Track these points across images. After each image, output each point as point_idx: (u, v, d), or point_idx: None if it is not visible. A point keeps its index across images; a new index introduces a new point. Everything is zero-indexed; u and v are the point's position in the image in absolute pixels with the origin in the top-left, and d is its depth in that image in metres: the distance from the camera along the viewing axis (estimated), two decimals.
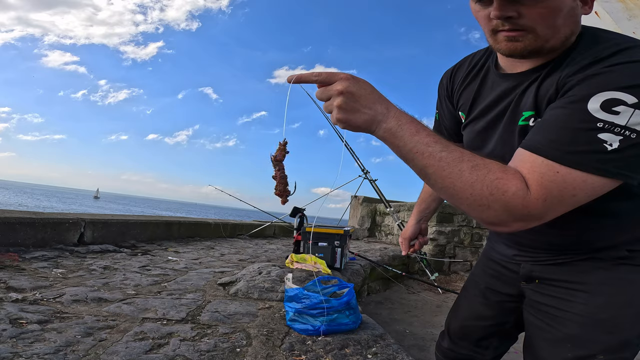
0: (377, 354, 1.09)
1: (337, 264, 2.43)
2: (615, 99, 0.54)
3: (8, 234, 2.12)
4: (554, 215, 0.58)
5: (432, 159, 0.60)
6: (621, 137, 0.54)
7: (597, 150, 0.55)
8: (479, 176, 0.58)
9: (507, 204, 0.57)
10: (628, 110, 0.53)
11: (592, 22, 2.99)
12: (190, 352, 1.01)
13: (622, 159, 0.55)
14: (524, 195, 0.57)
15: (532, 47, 0.66)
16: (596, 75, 0.58)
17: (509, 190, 0.57)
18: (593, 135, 0.55)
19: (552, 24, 0.64)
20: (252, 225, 5.43)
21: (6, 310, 1.16)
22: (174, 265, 2.35)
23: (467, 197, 0.59)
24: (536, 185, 0.57)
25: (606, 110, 0.54)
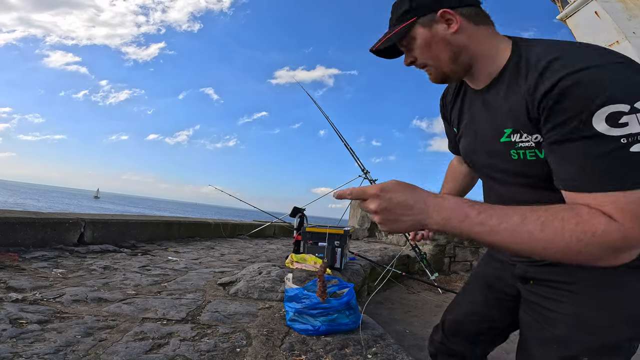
0: (377, 354, 1.08)
1: (337, 264, 2.43)
2: (613, 113, 0.56)
3: (8, 234, 2.12)
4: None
5: (496, 236, 0.60)
6: None
7: None
8: (556, 230, 0.57)
9: (604, 243, 0.56)
10: (632, 117, 0.55)
11: (592, 22, 3.03)
12: (190, 352, 1.01)
13: None
14: (617, 228, 0.56)
15: (439, 75, 0.82)
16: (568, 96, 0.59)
17: (598, 229, 0.56)
18: (626, 153, 0.55)
19: (430, 55, 0.79)
20: (252, 225, 5.43)
21: (6, 310, 1.16)
22: (174, 265, 2.35)
23: (554, 253, 0.58)
24: (629, 216, 0.56)
25: (615, 126, 0.56)
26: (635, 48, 5.54)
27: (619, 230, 0.56)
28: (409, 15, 0.79)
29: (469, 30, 0.77)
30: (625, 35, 5.63)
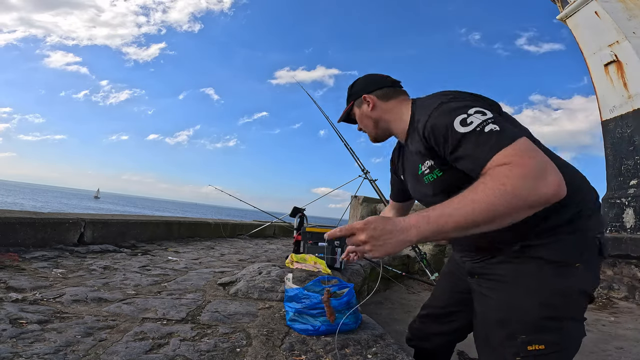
0: (377, 354, 1.08)
1: (337, 264, 2.43)
2: (461, 120, 0.85)
3: (8, 234, 2.12)
4: (543, 160, 0.76)
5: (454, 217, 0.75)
6: (492, 123, 0.82)
7: (497, 134, 0.81)
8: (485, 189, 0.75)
9: (517, 179, 0.73)
10: (470, 118, 0.84)
11: (592, 22, 3.02)
12: (190, 352, 1.01)
13: (507, 128, 0.82)
14: (511, 167, 0.75)
15: (371, 137, 1.22)
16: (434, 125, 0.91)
17: (505, 172, 0.75)
18: (484, 133, 0.82)
19: (363, 125, 1.22)
20: (252, 225, 5.43)
21: (6, 310, 1.16)
22: (174, 265, 2.35)
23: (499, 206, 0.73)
24: (510, 158, 0.76)
25: (466, 125, 0.84)
26: (635, 48, 5.54)
27: (513, 166, 0.75)
28: (349, 100, 1.23)
29: (381, 106, 1.15)
30: (625, 35, 5.62)
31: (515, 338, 0.90)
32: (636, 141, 5.23)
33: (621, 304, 4.11)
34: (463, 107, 0.87)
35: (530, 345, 0.89)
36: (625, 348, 2.60)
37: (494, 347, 0.96)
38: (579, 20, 6.42)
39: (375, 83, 1.17)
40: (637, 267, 4.40)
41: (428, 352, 1.36)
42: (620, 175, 5.38)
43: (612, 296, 4.30)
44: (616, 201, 5.18)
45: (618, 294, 4.30)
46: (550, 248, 0.91)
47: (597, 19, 5.94)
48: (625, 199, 5.07)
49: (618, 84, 5.71)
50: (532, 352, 0.89)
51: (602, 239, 0.93)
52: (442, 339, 1.32)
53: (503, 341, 0.93)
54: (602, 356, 2.47)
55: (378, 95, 1.15)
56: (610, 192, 5.40)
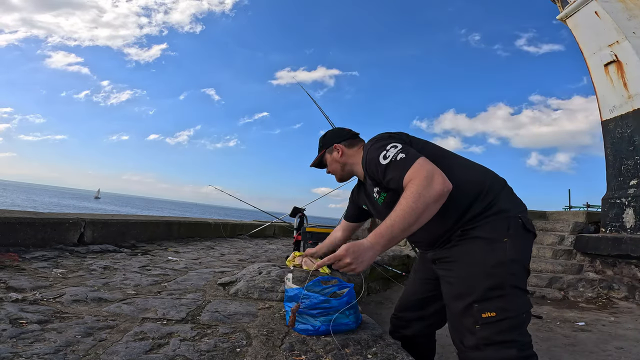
0: (377, 354, 1.08)
1: None
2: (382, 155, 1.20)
3: (8, 234, 2.12)
4: (432, 169, 1.10)
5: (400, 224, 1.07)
6: (400, 153, 1.17)
7: (404, 159, 1.15)
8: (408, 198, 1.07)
9: (420, 189, 1.06)
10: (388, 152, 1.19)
11: (592, 22, 3.03)
12: (190, 352, 1.01)
13: (410, 153, 1.17)
14: (413, 182, 1.09)
15: (339, 178, 1.55)
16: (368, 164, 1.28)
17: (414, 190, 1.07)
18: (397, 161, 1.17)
19: (333, 169, 1.54)
20: (252, 225, 5.43)
21: (6, 310, 1.16)
22: (174, 265, 2.35)
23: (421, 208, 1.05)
24: (411, 176, 1.11)
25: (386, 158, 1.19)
26: (635, 48, 5.53)
27: (415, 179, 1.09)
28: (321, 148, 1.56)
29: (347, 152, 1.49)
30: (625, 35, 5.62)
31: (472, 307, 1.12)
32: (636, 141, 5.23)
33: (621, 304, 4.11)
34: (382, 145, 1.22)
35: (483, 312, 1.10)
36: (625, 348, 2.60)
37: (458, 319, 1.17)
38: (579, 20, 6.41)
39: (342, 135, 1.52)
40: (637, 267, 4.39)
41: (409, 338, 1.53)
42: (620, 175, 5.38)
43: (612, 296, 4.30)
44: (616, 201, 5.18)
45: (618, 294, 4.30)
46: (482, 229, 1.17)
47: (597, 19, 5.94)
48: (625, 199, 5.08)
49: (618, 84, 5.71)
50: (486, 320, 1.09)
51: (524, 217, 1.19)
52: (420, 324, 1.52)
53: (463, 311, 1.14)
54: (602, 356, 2.46)
55: (345, 144, 1.49)
56: (610, 192, 5.40)
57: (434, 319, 1.49)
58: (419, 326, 1.52)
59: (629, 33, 5.61)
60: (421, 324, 1.51)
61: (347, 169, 1.49)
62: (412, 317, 1.52)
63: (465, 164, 1.30)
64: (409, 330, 1.53)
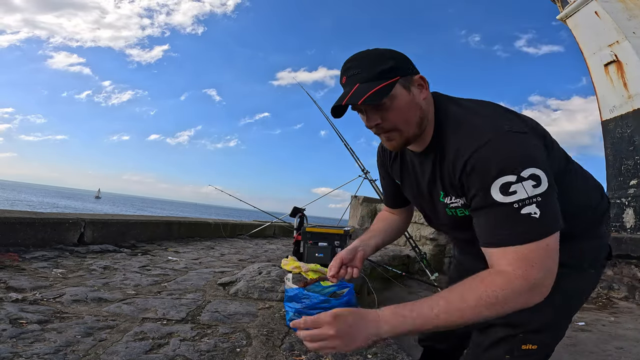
0: (377, 354, 1.08)
1: None
2: (505, 184, 0.70)
3: (8, 234, 2.12)
4: (550, 271, 0.71)
5: (436, 320, 0.70)
6: (535, 204, 0.69)
7: (533, 221, 0.69)
8: (475, 297, 0.69)
9: (508, 293, 0.68)
10: (518, 186, 0.69)
11: (592, 22, 3.01)
12: (190, 352, 1.01)
13: (547, 216, 0.70)
14: (507, 279, 0.69)
15: (402, 141, 0.84)
16: (474, 168, 0.74)
17: (498, 287, 0.69)
18: (519, 214, 0.70)
19: (404, 119, 0.80)
20: (252, 225, 5.43)
21: (6, 310, 1.15)
22: (174, 265, 2.35)
23: (484, 314, 0.69)
24: (518, 265, 0.70)
25: (509, 194, 0.70)
26: (635, 48, 5.54)
27: (514, 279, 0.69)
28: (392, 74, 0.78)
29: (429, 98, 0.85)
30: (625, 35, 5.62)
31: (515, 337, 0.89)
32: (636, 141, 5.23)
33: (621, 304, 4.11)
34: (518, 160, 0.69)
35: (525, 344, 0.88)
36: (625, 348, 2.60)
37: (490, 342, 0.93)
38: (579, 20, 6.42)
39: (415, 67, 0.84)
40: (637, 267, 4.39)
41: (441, 352, 1.28)
42: (620, 175, 5.38)
43: (612, 296, 4.30)
44: (616, 201, 5.18)
45: (618, 294, 4.30)
46: (566, 253, 0.83)
47: (597, 19, 5.94)
48: (625, 199, 5.08)
49: (618, 84, 5.71)
50: (524, 352, 0.88)
51: (610, 243, 0.94)
52: (458, 340, 1.23)
53: (499, 340, 0.90)
54: (602, 356, 2.46)
55: (427, 82, 0.84)
56: (610, 192, 5.40)
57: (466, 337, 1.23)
58: (456, 342, 1.24)
59: (629, 33, 5.61)
60: (457, 340, 1.23)
61: (423, 127, 0.83)
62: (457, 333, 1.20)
63: (582, 176, 0.93)
64: (444, 345, 1.27)
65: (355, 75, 0.79)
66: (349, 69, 0.81)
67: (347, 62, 0.83)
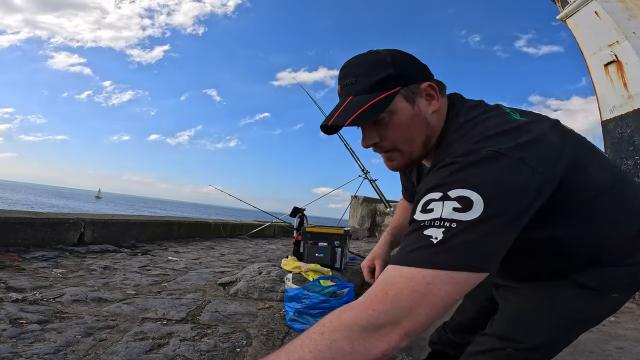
0: None
1: (337, 264, 2.43)
2: (428, 200, 0.58)
3: (8, 234, 2.12)
4: (406, 315, 0.52)
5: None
6: (443, 229, 0.54)
7: (425, 245, 0.54)
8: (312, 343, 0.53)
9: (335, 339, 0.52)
10: (437, 204, 0.56)
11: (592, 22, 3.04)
12: (190, 352, 1.01)
13: (452, 247, 0.53)
14: (348, 309, 0.55)
15: (404, 162, 0.73)
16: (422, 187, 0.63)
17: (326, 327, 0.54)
18: (419, 233, 0.56)
19: (405, 137, 0.69)
20: (252, 225, 5.43)
21: (6, 310, 1.15)
22: (174, 265, 2.35)
23: None
24: (373, 289, 0.55)
25: (425, 212, 0.57)
26: (635, 48, 5.54)
27: (349, 308, 0.55)
28: (392, 83, 0.66)
29: (442, 109, 0.71)
30: (625, 35, 5.62)
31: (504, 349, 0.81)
32: (636, 141, 5.23)
33: None
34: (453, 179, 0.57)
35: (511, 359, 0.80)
36: (626, 348, 2.60)
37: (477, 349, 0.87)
38: (579, 20, 6.42)
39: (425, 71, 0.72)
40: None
41: (450, 357, 1.23)
42: None
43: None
44: None
45: None
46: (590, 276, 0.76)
47: (597, 19, 5.94)
48: None
49: (618, 84, 5.72)
50: None
51: None
52: None
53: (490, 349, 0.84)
54: (602, 356, 2.47)
55: (440, 90, 0.71)
56: None
57: None
58: None
59: (629, 33, 5.61)
60: None
61: (430, 146, 0.72)
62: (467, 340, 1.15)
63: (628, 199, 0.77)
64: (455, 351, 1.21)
65: (349, 86, 0.69)
66: (344, 77, 0.71)
67: (343, 67, 0.73)
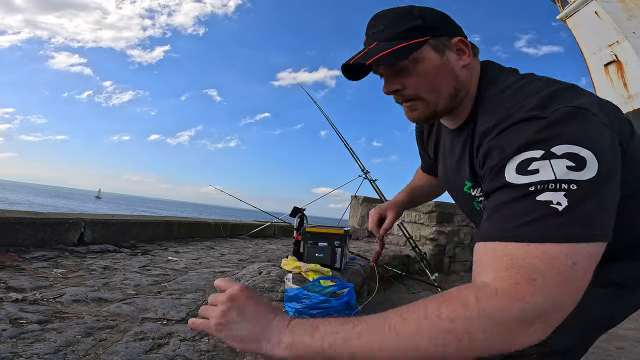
0: None
1: (337, 264, 2.43)
2: (525, 160, 0.49)
3: (8, 234, 2.12)
4: (562, 302, 0.46)
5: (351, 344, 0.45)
6: (563, 192, 0.46)
7: (549, 214, 0.46)
8: (408, 328, 0.44)
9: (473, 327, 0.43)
10: (542, 163, 0.48)
11: (592, 22, 3.03)
12: (190, 352, 1.01)
13: (582, 214, 0.46)
14: (485, 297, 0.44)
15: (427, 113, 0.69)
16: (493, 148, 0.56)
17: (459, 314, 0.43)
18: (531, 200, 0.48)
19: (431, 86, 0.66)
20: (252, 225, 5.43)
21: (6, 310, 1.16)
22: (174, 265, 2.35)
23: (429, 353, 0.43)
24: (509, 274, 0.45)
25: (526, 174, 0.49)
26: (635, 48, 5.54)
27: (484, 296, 0.44)
28: (419, 33, 0.65)
29: (472, 66, 0.69)
30: (625, 35, 5.63)
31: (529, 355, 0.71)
32: None
33: None
34: (553, 133, 0.49)
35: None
36: (626, 348, 2.60)
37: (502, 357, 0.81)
38: (579, 20, 6.42)
39: (458, 28, 0.69)
40: None
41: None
42: None
43: None
44: None
45: None
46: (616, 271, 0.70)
47: (597, 19, 5.95)
48: None
49: (618, 84, 5.72)
50: None
51: None
52: None
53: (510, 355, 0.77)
54: (602, 356, 2.47)
55: (473, 49, 0.69)
56: None
57: None
58: None
59: (629, 33, 5.62)
60: None
61: (458, 100, 0.68)
62: None
63: None
64: None
65: (376, 34, 0.67)
66: (371, 27, 0.69)
67: (371, 19, 0.70)
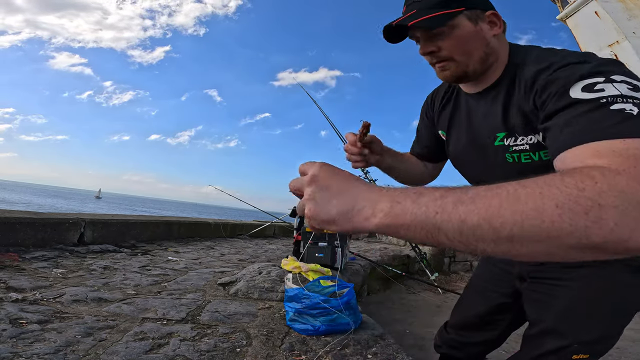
0: (377, 354, 1.08)
1: (337, 264, 2.43)
2: (590, 83, 0.55)
3: (8, 234, 2.12)
4: None
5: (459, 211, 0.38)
6: (631, 104, 0.49)
7: (630, 116, 0.48)
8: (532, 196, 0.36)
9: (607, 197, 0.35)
10: (607, 85, 0.53)
11: (592, 22, 3.03)
12: (190, 352, 1.01)
13: None
14: (608, 173, 0.37)
15: (458, 73, 0.78)
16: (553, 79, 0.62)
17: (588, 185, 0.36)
18: (606, 110, 0.50)
19: (464, 50, 0.76)
20: (252, 225, 5.43)
21: (6, 310, 1.16)
22: (174, 265, 2.35)
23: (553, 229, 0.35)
24: (619, 159, 0.41)
25: (594, 92, 0.54)
26: (635, 48, 5.54)
27: (609, 172, 0.38)
28: (456, 4, 0.74)
29: (502, 36, 0.80)
30: (625, 35, 5.63)
31: (570, 347, 0.79)
32: None
33: None
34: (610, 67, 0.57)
35: (577, 354, 0.79)
36: (625, 348, 2.60)
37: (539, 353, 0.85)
38: (579, 20, 6.43)
39: (490, 4, 0.80)
40: None
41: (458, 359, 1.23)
42: None
43: None
44: None
45: None
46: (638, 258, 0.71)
47: (597, 19, 5.95)
48: None
49: None
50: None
51: None
52: (478, 348, 1.18)
53: (550, 352, 0.82)
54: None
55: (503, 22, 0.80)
56: None
57: (494, 343, 1.17)
58: (476, 350, 1.18)
59: (629, 33, 5.62)
60: (477, 349, 1.18)
61: (487, 65, 0.78)
62: (471, 339, 1.18)
63: None
64: (461, 353, 1.21)
65: (415, 3, 0.76)
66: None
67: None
